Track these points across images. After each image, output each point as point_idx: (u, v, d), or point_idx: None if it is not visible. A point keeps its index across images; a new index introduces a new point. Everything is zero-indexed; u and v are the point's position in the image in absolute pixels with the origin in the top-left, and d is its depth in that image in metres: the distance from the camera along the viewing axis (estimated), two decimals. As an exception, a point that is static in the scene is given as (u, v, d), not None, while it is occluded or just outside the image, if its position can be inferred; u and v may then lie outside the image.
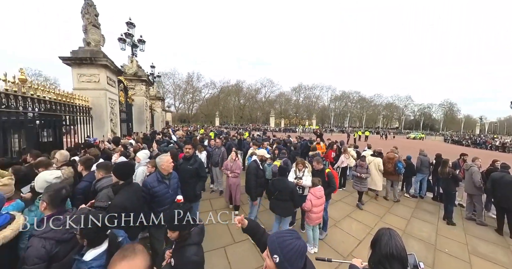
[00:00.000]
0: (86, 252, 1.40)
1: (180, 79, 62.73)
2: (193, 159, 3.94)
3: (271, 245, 1.14)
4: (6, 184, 2.07)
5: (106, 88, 6.75)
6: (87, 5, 6.18)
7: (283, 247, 1.11)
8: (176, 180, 3.14)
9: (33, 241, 1.51)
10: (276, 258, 1.10)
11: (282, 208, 3.64)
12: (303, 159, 4.34)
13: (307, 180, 4.02)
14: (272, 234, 1.23)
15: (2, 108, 3.70)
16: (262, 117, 67.35)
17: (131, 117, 11.05)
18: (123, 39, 10.74)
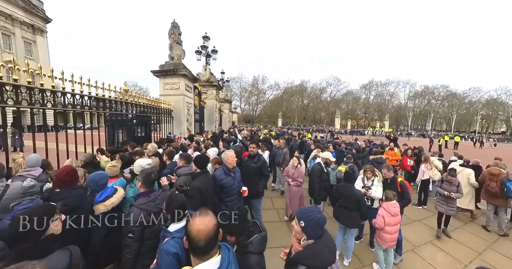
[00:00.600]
0: (170, 225, 1.73)
1: (246, 82, 67.00)
2: (257, 158, 4.11)
3: (298, 214, 1.54)
4: (115, 166, 2.93)
5: (184, 94, 8.09)
6: (172, 27, 7.59)
7: (307, 216, 1.48)
8: (239, 174, 3.44)
9: (133, 210, 2.07)
10: (302, 223, 1.47)
11: (347, 217, 3.35)
12: (372, 166, 3.95)
13: (377, 191, 3.59)
14: (299, 209, 1.64)
15: (111, 111, 5.06)
16: (327, 118, 64.38)
17: (203, 117, 12.69)
18: (199, 51, 12.50)
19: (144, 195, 2.21)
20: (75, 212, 1.92)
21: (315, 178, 4.18)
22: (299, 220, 1.49)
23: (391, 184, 3.71)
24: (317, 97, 66.58)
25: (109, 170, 2.80)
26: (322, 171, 4.26)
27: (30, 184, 2.11)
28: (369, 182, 3.76)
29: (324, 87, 66.92)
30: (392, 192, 3.24)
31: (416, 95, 63.21)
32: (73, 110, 3.96)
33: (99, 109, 4.59)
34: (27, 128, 18.14)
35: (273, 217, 4.89)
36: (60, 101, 3.69)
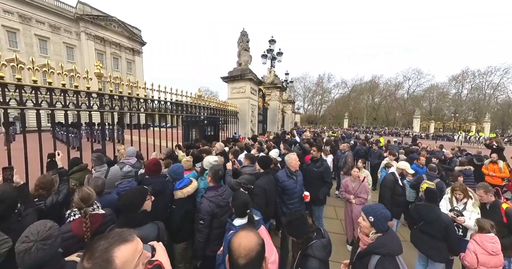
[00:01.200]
0: (235, 219, 1.91)
1: (310, 82, 64.84)
2: (320, 162, 3.89)
3: (366, 210, 1.71)
4: (188, 160, 3.47)
5: (249, 97, 8.55)
6: (241, 36, 8.15)
7: (375, 212, 1.65)
8: (301, 177, 3.39)
9: (204, 200, 2.43)
10: (371, 219, 1.63)
11: (429, 247, 2.73)
12: (464, 184, 3.15)
13: (472, 218, 2.75)
14: (365, 205, 1.87)
15: (187, 113, 5.79)
16: (403, 119, 54.63)
17: (266, 118, 13.08)
18: (265, 55, 12.91)
19: (213, 189, 2.53)
20: (160, 195, 2.42)
21: (387, 190, 3.65)
22: (368, 215, 1.65)
23: (492, 211, 2.81)
24: (391, 94, 57.22)
25: (184, 164, 3.29)
26: (396, 183, 3.68)
27: (128, 170, 2.82)
28: (460, 205, 2.96)
29: (401, 82, 56.86)
30: (489, 222, 2.42)
31: None
32: (159, 113, 4.98)
33: (178, 112, 5.41)
34: (126, 126, 22.97)
35: (336, 228, 4.58)
36: (150, 106, 4.65)
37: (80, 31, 30.38)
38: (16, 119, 15.53)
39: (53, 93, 2.89)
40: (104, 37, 32.77)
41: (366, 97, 59.52)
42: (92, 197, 1.82)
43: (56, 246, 1.22)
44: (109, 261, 0.74)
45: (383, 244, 1.56)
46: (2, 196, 1.58)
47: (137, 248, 0.83)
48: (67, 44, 30.13)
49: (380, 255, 1.53)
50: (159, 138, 4.85)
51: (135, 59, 38.57)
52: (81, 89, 3.20)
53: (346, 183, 3.95)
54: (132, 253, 0.80)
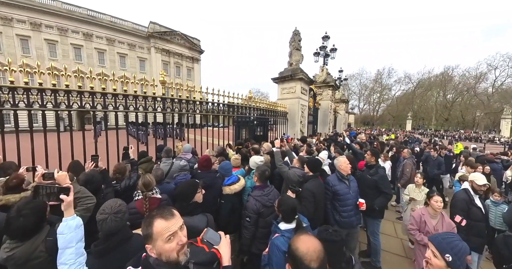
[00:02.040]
0: (281, 223, 1.89)
1: (367, 79, 59.27)
2: (375, 169, 3.43)
3: (439, 245, 1.27)
4: (237, 158, 3.58)
5: (299, 97, 8.34)
6: (294, 35, 8.03)
7: (453, 247, 1.24)
8: (355, 183, 3.13)
9: (250, 199, 2.50)
10: (449, 257, 1.22)
11: None
12: None
13: None
14: (434, 235, 1.38)
15: (238, 114, 6.02)
16: (485, 120, 44.50)
17: (317, 119, 12.55)
18: (318, 52, 12.42)
19: (259, 188, 2.58)
20: (209, 189, 2.57)
21: (459, 213, 2.76)
22: (444, 253, 1.23)
23: None
24: (469, 89, 46.22)
25: (233, 162, 3.42)
26: (471, 204, 2.80)
27: (184, 164, 3.23)
28: None
29: (484, 72, 44.78)
30: None
31: None
32: (212, 114, 5.34)
33: (229, 113, 5.67)
34: (185, 126, 25.55)
35: (395, 248, 3.95)
36: (204, 108, 5.13)
37: (151, 46, 35.79)
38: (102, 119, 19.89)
39: (127, 98, 3.55)
40: (169, 50, 37.63)
41: (435, 94, 50.48)
42: (152, 183, 2.18)
43: (125, 219, 1.54)
44: (150, 224, 1.00)
45: None
46: (92, 179, 2.12)
47: (170, 227, 0.99)
48: (140, 58, 36.01)
49: None
50: (212, 136, 5.22)
51: (194, 66, 42.90)
52: (149, 94, 3.85)
53: (420, 218, 2.70)
54: (165, 228, 0.98)
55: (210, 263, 1.16)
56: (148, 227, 0.99)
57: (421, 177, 3.97)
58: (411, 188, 4.04)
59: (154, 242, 0.97)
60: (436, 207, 2.63)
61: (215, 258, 1.19)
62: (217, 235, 1.26)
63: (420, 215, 2.73)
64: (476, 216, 2.75)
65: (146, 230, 0.99)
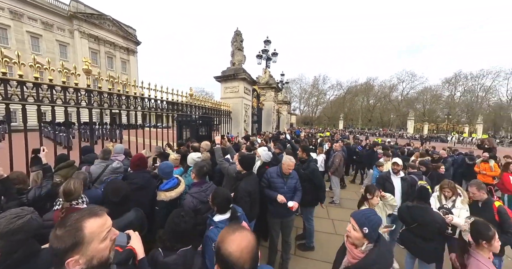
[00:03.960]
0: (215, 215, 1.94)
1: (306, 83, 65.73)
2: (307, 164, 3.73)
3: (359, 221, 1.44)
4: (177, 158, 3.49)
5: (242, 96, 8.58)
6: (235, 35, 8.18)
7: (370, 221, 1.43)
8: (295, 181, 3.19)
9: (187, 196, 2.44)
10: (366, 230, 1.40)
11: (421, 249, 2.70)
12: (452, 182, 3.12)
13: (462, 215, 2.73)
14: (355, 212, 1.56)
15: (180, 113, 5.82)
16: (397, 120, 56.08)
17: (261, 119, 13.12)
18: (260, 55, 12.98)
19: (197, 185, 2.54)
20: (142, 190, 2.45)
21: (377, 186, 3.49)
22: (362, 226, 1.42)
23: (484, 209, 2.75)
24: (385, 96, 58.81)
25: (172, 162, 3.28)
26: (386, 180, 3.67)
27: (117, 166, 2.86)
28: (449, 203, 2.95)
29: (395, 84, 58.53)
30: (487, 224, 2.11)
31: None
32: (148, 112, 4.90)
33: (169, 111, 5.43)
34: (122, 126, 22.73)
35: (327, 228, 4.61)
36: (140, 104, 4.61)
37: (74, 29, 30.26)
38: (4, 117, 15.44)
39: (40, 88, 2.87)
40: (98, 36, 32.62)
41: (361, 99, 60.97)
42: (74, 192, 1.84)
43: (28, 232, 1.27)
44: (79, 229, 0.83)
45: (377, 259, 1.38)
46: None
47: (106, 223, 0.92)
48: (60, 42, 29.95)
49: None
50: (150, 138, 4.88)
51: (130, 58, 38.55)
52: (71, 85, 3.16)
53: None
54: (100, 226, 0.89)
55: (127, 260, 1.25)
56: (77, 233, 0.82)
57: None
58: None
59: (86, 247, 0.83)
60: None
61: (131, 254, 1.27)
62: (124, 236, 1.24)
63: None
64: (388, 188, 3.53)
65: (73, 238, 0.81)
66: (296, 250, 3.80)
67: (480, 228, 1.87)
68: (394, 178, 3.61)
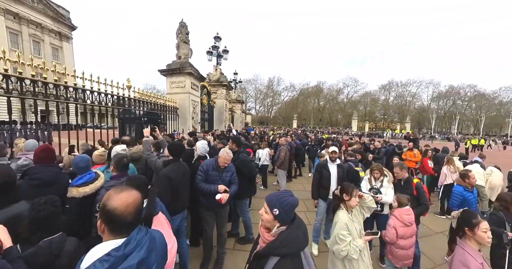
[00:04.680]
0: None
1: (261, 84, 67.54)
2: (236, 155, 3.84)
3: (270, 201, 1.35)
4: (101, 155, 3.09)
5: (189, 92, 8.29)
6: (180, 27, 7.83)
7: (281, 202, 1.32)
8: (229, 173, 3.17)
9: (102, 191, 2.15)
10: (276, 211, 1.30)
11: None
12: (380, 164, 3.51)
13: (388, 194, 3.11)
14: (270, 194, 1.45)
15: (118, 106, 5.35)
16: (343, 120, 62.82)
17: (212, 117, 12.89)
18: (210, 51, 12.74)
19: (116, 178, 2.31)
20: (50, 187, 2.14)
21: (316, 174, 3.87)
22: (272, 208, 1.32)
23: (405, 186, 3.23)
24: (333, 98, 65.54)
25: (96, 158, 2.95)
26: (323, 167, 3.83)
27: (24, 163, 2.54)
28: (378, 183, 3.29)
29: (341, 88, 65.78)
30: (405, 196, 2.76)
31: (440, 95, 59.93)
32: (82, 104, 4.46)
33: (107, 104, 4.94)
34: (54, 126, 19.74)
35: None
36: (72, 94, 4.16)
37: (-15, 0, 24.13)
38: None
39: None
40: (19, 13, 26.65)
41: (312, 101, 66.00)
42: None
43: None
44: None
45: (287, 240, 1.27)
46: None
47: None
48: None
49: (280, 256, 1.25)
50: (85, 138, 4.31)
51: (64, 45, 32.87)
52: None
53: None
54: None
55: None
56: None
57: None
58: None
59: None
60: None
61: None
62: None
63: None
64: (325, 175, 3.75)
65: None
66: (236, 244, 3.81)
67: (466, 216, 1.91)
68: (331, 165, 3.85)
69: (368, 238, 2.20)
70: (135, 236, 0.99)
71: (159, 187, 2.49)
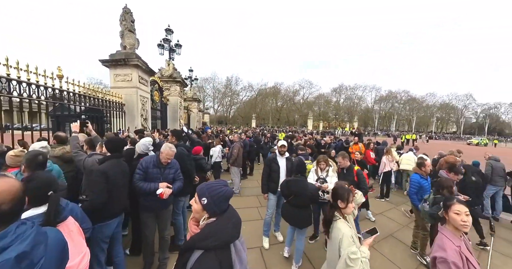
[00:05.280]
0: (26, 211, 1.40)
1: (219, 83, 66.34)
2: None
3: (200, 191, 1.25)
4: (18, 155, 2.48)
5: (137, 87, 7.49)
6: (124, 13, 7.00)
7: (211, 191, 1.22)
8: (173, 170, 2.95)
9: None
10: (204, 200, 1.20)
11: (297, 218, 3.00)
12: (325, 156, 3.72)
13: (333, 182, 3.30)
14: (202, 183, 1.33)
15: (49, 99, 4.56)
16: (300, 120, 66.24)
17: (166, 115, 12.01)
18: (161, 44, 11.84)
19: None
20: None
21: (266, 168, 3.85)
22: (201, 197, 1.22)
23: (348, 174, 3.56)
24: (290, 99, 68.66)
25: (10, 160, 2.43)
26: (273, 162, 3.81)
27: None
28: (324, 173, 3.52)
29: (297, 89, 69.44)
30: (344, 182, 2.81)
31: (381, 99, 68.93)
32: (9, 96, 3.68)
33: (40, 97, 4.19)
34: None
35: None
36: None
37: None
38: None
39: None
40: None
41: (271, 101, 67.73)
42: None
43: None
44: None
45: (212, 232, 1.15)
46: None
47: None
48: None
49: (203, 250, 1.13)
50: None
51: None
52: None
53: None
54: None
55: None
56: None
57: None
58: None
59: None
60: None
61: None
62: None
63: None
64: (274, 169, 3.75)
65: None
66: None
67: (444, 200, 1.97)
68: (280, 159, 3.87)
69: (371, 241, 1.85)
70: (14, 229, 0.91)
71: (91, 188, 2.09)
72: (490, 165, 5.07)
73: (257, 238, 3.81)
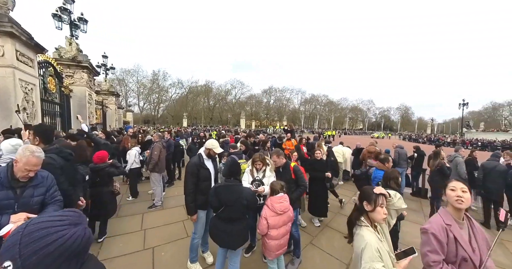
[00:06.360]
0: None
1: (144, 77, 59.14)
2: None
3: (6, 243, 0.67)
4: None
5: (14, 65, 5.07)
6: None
7: (30, 243, 0.65)
8: (42, 190, 1.83)
9: None
10: (10, 266, 0.62)
11: (227, 237, 2.28)
12: (262, 154, 3.08)
13: (270, 181, 2.76)
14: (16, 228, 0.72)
15: None
16: (233, 119, 66.48)
17: (69, 110, 9.11)
18: (59, 15, 8.81)
19: None
20: None
21: (188, 176, 2.77)
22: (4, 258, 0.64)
23: (284, 171, 3.15)
24: (222, 98, 68.43)
25: None
26: (201, 167, 2.82)
27: None
28: (260, 174, 2.96)
29: (229, 89, 69.86)
30: (279, 182, 2.51)
31: (306, 101, 77.88)
32: None
33: None
34: None
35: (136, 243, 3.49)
36: None
37: None
38: None
39: None
40: None
41: (203, 100, 65.51)
42: None
43: None
44: None
45: None
46: None
47: None
48: None
49: None
50: None
51: None
52: None
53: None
54: None
55: None
56: None
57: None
58: None
59: None
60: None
61: None
62: None
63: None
64: (202, 176, 2.80)
65: None
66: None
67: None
68: (208, 162, 2.95)
69: (406, 263, 1.43)
70: None
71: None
72: (397, 152, 6.29)
73: (182, 265, 2.95)
